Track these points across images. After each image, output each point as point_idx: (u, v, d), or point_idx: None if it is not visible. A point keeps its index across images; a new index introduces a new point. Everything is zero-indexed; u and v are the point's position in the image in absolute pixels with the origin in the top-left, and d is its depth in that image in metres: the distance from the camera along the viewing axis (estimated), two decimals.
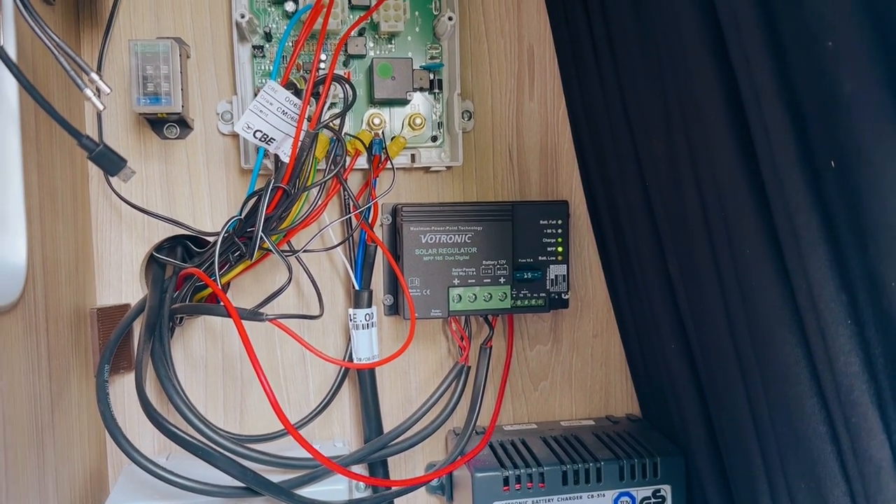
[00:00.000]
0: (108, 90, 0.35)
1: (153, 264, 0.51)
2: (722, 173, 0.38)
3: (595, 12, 0.49)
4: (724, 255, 0.40)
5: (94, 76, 0.34)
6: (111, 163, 0.35)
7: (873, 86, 0.28)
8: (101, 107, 0.34)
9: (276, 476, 0.45)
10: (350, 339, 0.51)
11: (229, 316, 0.41)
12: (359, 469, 0.52)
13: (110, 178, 0.47)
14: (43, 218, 0.40)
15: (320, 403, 0.52)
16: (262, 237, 0.44)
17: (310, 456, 0.45)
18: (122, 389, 0.51)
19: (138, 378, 0.43)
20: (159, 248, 0.51)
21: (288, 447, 0.49)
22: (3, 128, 0.37)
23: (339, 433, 0.54)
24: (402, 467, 0.55)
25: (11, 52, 0.36)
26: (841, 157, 0.31)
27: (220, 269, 0.46)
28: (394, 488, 0.48)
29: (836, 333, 0.33)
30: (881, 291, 0.30)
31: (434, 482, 0.54)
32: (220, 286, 0.44)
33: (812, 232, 0.33)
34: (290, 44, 0.48)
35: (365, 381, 0.52)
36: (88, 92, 0.33)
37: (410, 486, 0.48)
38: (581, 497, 0.48)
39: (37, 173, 0.39)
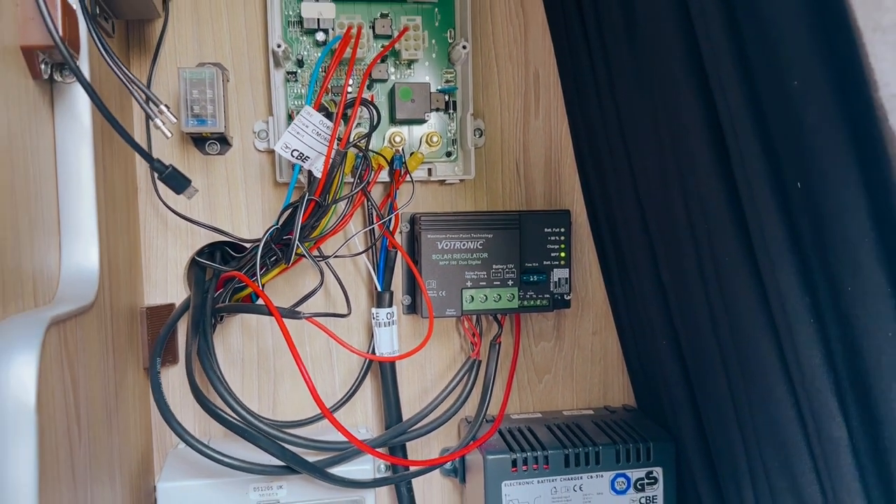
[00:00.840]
0: (174, 120, 0.40)
1: (195, 267, 0.56)
2: (705, 191, 0.43)
3: (594, 40, 0.54)
4: (707, 262, 0.45)
5: (163, 108, 0.39)
6: (178, 182, 0.40)
7: (831, 118, 0.33)
8: (168, 135, 0.39)
9: (308, 457, 0.50)
10: (373, 336, 0.57)
11: (271, 314, 0.47)
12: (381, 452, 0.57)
13: (157, 189, 0.53)
14: (107, 228, 0.45)
15: (346, 394, 0.57)
16: (297, 244, 0.50)
17: (338, 440, 0.50)
18: (167, 381, 0.56)
19: (189, 369, 0.48)
20: (200, 252, 0.56)
21: (316, 432, 0.54)
22: (78, 149, 0.42)
23: (361, 421, 0.59)
24: (419, 452, 0.60)
25: (85, 94, 0.41)
26: (805, 180, 0.36)
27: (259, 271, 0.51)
28: (413, 468, 0.53)
29: (801, 331, 0.38)
30: (839, 295, 0.36)
31: (448, 466, 0.59)
32: (260, 287, 0.49)
33: (780, 244, 0.38)
34: (322, 70, 0.54)
35: (386, 373, 0.57)
36: (158, 122, 0.39)
37: (429, 467, 0.54)
38: (581, 477, 0.53)
39: (103, 188, 0.45)
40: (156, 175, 0.41)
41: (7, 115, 0.35)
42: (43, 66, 0.39)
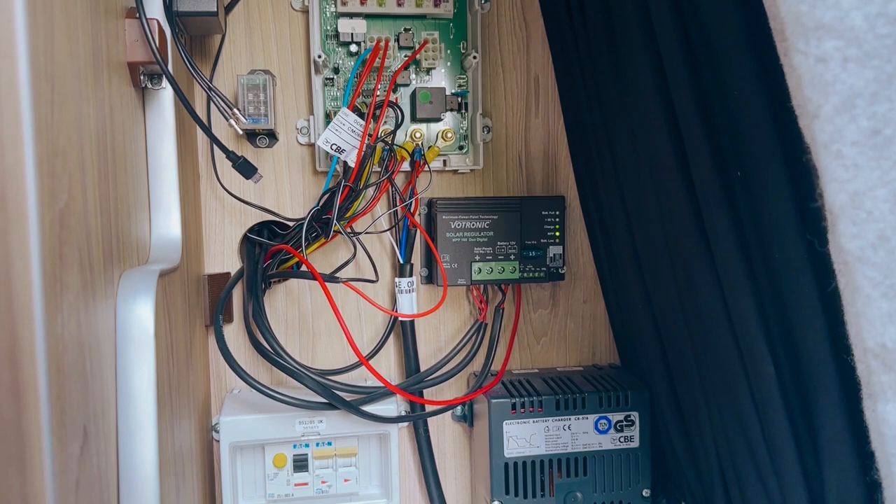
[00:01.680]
0: (244, 120, 0.50)
1: (247, 242, 0.67)
2: (665, 179, 0.53)
3: (583, 51, 0.64)
4: (672, 242, 0.55)
5: (237, 111, 0.50)
6: (247, 170, 0.51)
7: (761, 121, 0.42)
8: (240, 132, 0.50)
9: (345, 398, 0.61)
10: (395, 302, 0.67)
11: (314, 279, 0.57)
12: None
13: (218, 176, 0.63)
14: (183, 206, 0.56)
15: (374, 348, 0.68)
16: (335, 222, 0.60)
17: (366, 385, 0.61)
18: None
19: (247, 325, 0.59)
20: (251, 230, 0.67)
21: (348, 379, 0.65)
22: (164, 142, 0.52)
23: (385, 373, 0.69)
24: (434, 399, 0.70)
25: (171, 99, 0.52)
26: (743, 169, 0.46)
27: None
28: (430, 408, 0.64)
29: (739, 290, 0.48)
30: (770, 261, 0.45)
31: (458, 412, 0.70)
32: (305, 257, 0.60)
33: (724, 222, 0.47)
34: (356, 77, 0.64)
35: (407, 332, 0.68)
36: (233, 122, 0.49)
37: (443, 407, 0.64)
38: (570, 419, 0.63)
39: (180, 173, 0.55)
40: (230, 163, 0.51)
41: (120, 116, 0.45)
42: (142, 77, 0.50)
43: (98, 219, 0.38)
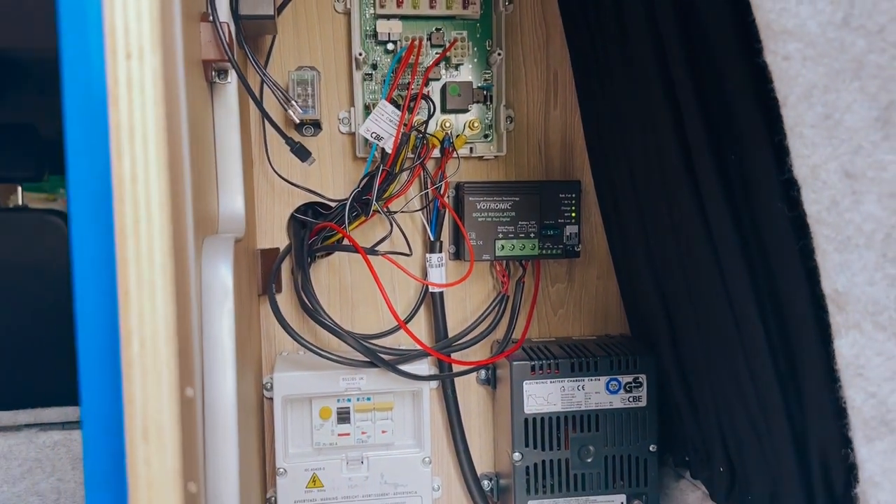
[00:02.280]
0: (301, 112, 0.58)
1: (294, 221, 0.74)
2: (668, 165, 0.59)
3: (598, 48, 0.70)
4: (675, 222, 0.61)
5: (294, 104, 0.57)
6: (303, 154, 0.58)
7: (753, 112, 0.49)
8: (297, 121, 0.57)
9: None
10: (426, 275, 0.74)
11: (357, 252, 0.65)
12: (432, 360, 0.75)
13: (270, 160, 0.71)
14: (244, 188, 0.64)
15: (406, 317, 0.75)
16: (374, 202, 0.68)
17: (400, 348, 0.68)
18: None
19: (297, 293, 0.67)
20: (298, 209, 0.75)
21: (384, 343, 0.72)
22: (230, 130, 0.60)
23: None
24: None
25: (235, 92, 0.59)
26: (738, 152, 0.53)
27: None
28: (457, 368, 0.71)
29: (732, 262, 0.54)
30: (760, 233, 0.52)
31: (482, 376, 0.77)
32: (348, 233, 0.68)
33: (721, 205, 0.54)
34: (393, 72, 0.71)
35: (436, 303, 0.75)
36: (291, 112, 0.57)
37: (470, 368, 0.72)
38: (584, 380, 0.70)
39: (242, 159, 0.63)
40: (288, 149, 0.59)
41: (197, 107, 0.53)
42: (213, 73, 0.57)
43: (189, 193, 0.45)
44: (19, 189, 2.16)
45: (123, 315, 0.25)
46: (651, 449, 0.71)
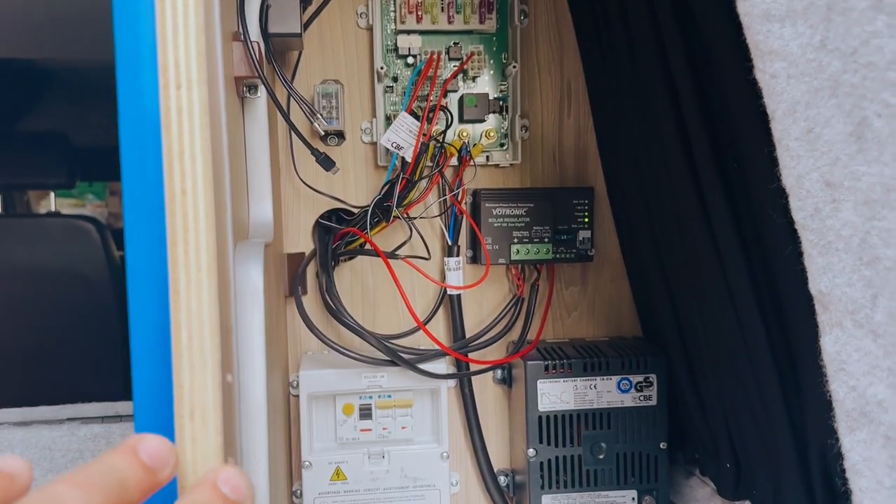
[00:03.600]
0: (325, 123, 0.62)
1: (319, 227, 0.78)
2: (675, 173, 0.62)
3: (608, 60, 0.73)
4: (682, 228, 0.64)
5: (319, 117, 0.61)
6: (328, 163, 0.62)
7: (752, 120, 0.51)
8: (321, 132, 0.61)
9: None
10: (444, 279, 0.78)
11: (378, 256, 0.69)
12: (450, 360, 0.79)
13: (296, 169, 0.75)
14: (273, 194, 0.68)
15: (425, 318, 0.78)
16: (395, 209, 0.71)
17: (419, 348, 0.72)
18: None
19: (322, 295, 0.71)
20: (322, 216, 0.79)
21: (404, 343, 0.76)
22: (260, 142, 0.64)
23: None
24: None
25: (264, 106, 0.63)
26: (741, 162, 0.55)
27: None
28: (474, 367, 0.75)
29: (738, 273, 0.56)
30: (760, 233, 0.54)
31: (498, 375, 0.80)
32: (370, 238, 0.71)
33: (723, 210, 0.56)
34: (413, 85, 0.75)
35: (454, 305, 0.78)
36: (316, 124, 0.60)
37: (487, 367, 0.75)
38: (596, 379, 0.73)
39: (271, 168, 0.67)
40: (314, 158, 0.62)
41: (230, 121, 0.57)
42: (244, 89, 0.61)
43: (229, 204, 0.49)
44: (52, 195, 2.24)
45: (174, 310, 0.29)
46: (661, 446, 0.74)
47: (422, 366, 0.72)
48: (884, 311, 0.35)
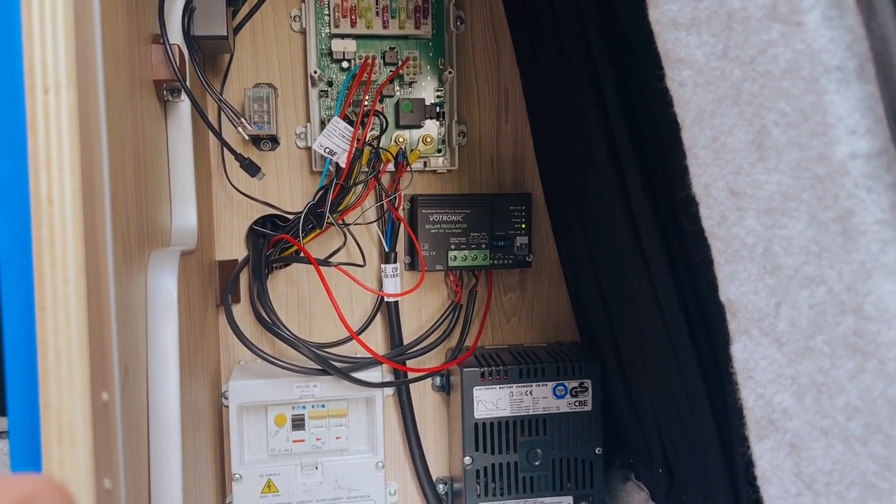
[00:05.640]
0: (251, 128, 0.60)
1: (252, 233, 0.76)
2: (602, 176, 0.62)
3: (542, 66, 0.73)
4: (612, 234, 0.64)
5: (243, 120, 0.60)
6: (252, 169, 0.60)
7: (674, 136, 0.51)
8: (246, 137, 0.59)
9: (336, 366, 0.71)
10: (381, 286, 0.77)
11: (310, 263, 0.67)
12: (388, 368, 0.77)
13: (228, 174, 0.73)
14: (198, 200, 0.66)
15: (361, 326, 0.77)
16: (328, 215, 0.70)
17: (356, 357, 0.70)
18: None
19: (252, 303, 0.69)
20: (256, 222, 0.77)
21: (340, 352, 0.75)
22: (183, 146, 0.62)
23: (372, 347, 0.79)
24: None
25: (188, 110, 0.61)
26: (665, 169, 0.56)
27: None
28: (410, 375, 0.74)
29: (661, 273, 0.57)
30: (684, 248, 0.55)
31: (437, 382, 0.79)
32: (303, 244, 0.70)
33: (648, 215, 0.57)
34: (346, 90, 0.74)
35: (392, 312, 0.77)
36: (240, 129, 0.59)
37: (423, 374, 0.74)
38: (531, 385, 0.73)
39: (196, 172, 0.65)
40: (238, 164, 0.61)
41: (149, 126, 0.55)
42: (164, 92, 0.59)
43: (133, 208, 0.48)
44: None
45: (40, 327, 0.27)
46: (597, 451, 0.74)
47: (357, 374, 0.71)
48: (786, 319, 0.35)
